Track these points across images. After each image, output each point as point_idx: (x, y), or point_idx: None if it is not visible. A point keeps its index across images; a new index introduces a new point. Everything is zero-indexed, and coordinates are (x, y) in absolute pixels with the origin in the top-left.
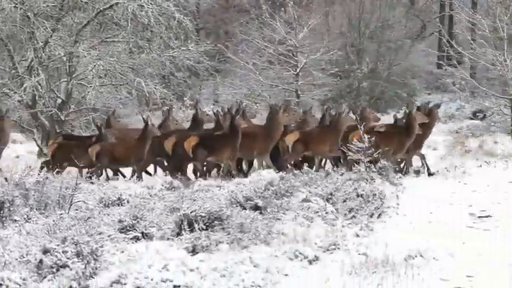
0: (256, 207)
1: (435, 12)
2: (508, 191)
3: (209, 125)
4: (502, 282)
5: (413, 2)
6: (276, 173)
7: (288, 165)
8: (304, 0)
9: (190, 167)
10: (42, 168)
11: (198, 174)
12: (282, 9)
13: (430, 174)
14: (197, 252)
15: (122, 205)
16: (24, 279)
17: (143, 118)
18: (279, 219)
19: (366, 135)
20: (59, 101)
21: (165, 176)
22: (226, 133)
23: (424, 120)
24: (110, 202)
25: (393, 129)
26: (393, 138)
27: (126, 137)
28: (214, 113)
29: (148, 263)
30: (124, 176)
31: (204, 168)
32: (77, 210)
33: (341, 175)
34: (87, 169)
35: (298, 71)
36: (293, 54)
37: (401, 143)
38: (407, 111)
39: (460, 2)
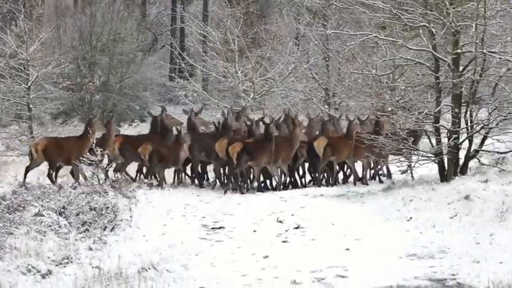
0: None
1: (166, 25)
2: (241, 202)
3: None
4: None
5: (144, 15)
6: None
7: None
8: (35, 13)
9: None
10: None
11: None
12: (13, 22)
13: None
14: None
15: None
16: None
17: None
18: (11, 233)
19: (98, 148)
20: None
21: None
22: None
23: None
24: None
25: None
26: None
27: None
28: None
29: None
30: None
31: None
32: None
33: (74, 189)
34: None
35: (29, 84)
36: (24, 68)
37: None
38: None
39: (191, 14)
